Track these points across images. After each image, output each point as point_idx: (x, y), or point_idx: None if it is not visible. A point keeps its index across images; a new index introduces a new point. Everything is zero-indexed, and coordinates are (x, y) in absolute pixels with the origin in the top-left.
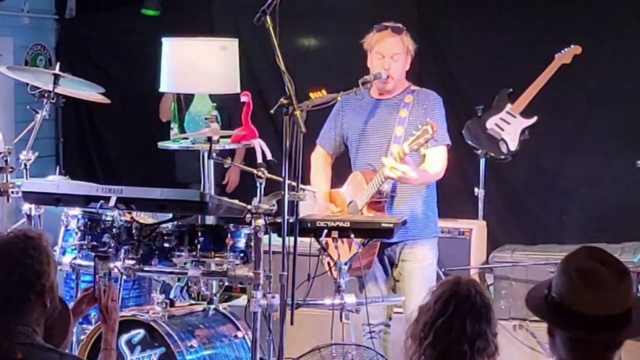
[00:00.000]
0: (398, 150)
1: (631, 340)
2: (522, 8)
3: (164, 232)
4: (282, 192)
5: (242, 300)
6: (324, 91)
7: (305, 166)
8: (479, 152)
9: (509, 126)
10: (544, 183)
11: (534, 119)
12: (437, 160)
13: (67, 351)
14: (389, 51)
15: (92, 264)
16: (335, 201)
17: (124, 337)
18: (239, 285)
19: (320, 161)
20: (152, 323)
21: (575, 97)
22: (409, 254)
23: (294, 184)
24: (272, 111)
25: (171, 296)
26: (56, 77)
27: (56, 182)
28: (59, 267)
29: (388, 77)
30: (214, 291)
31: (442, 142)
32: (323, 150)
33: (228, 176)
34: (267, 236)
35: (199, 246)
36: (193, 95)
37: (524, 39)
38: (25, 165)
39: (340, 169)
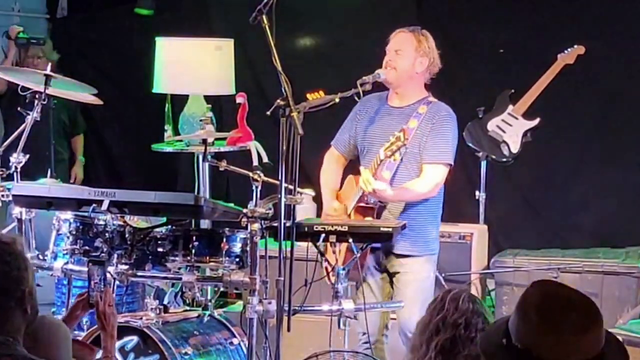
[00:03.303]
0: (375, 157)
1: (632, 346)
2: (524, 7)
3: (158, 236)
4: (279, 196)
5: (238, 306)
6: (321, 92)
7: (307, 168)
8: (480, 154)
9: (510, 128)
10: (547, 186)
11: (536, 120)
12: (428, 178)
13: None
14: (394, 45)
15: (84, 268)
16: (340, 200)
17: (117, 343)
18: (235, 291)
19: (331, 162)
20: (145, 329)
21: (578, 98)
22: (404, 265)
23: (291, 187)
24: (268, 113)
25: (165, 302)
26: (48, 78)
27: (47, 185)
28: (50, 273)
29: (387, 68)
30: (209, 297)
31: (441, 160)
32: (336, 152)
33: (74, 173)
34: (263, 240)
35: (193, 251)
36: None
37: (525, 39)
38: (16, 168)
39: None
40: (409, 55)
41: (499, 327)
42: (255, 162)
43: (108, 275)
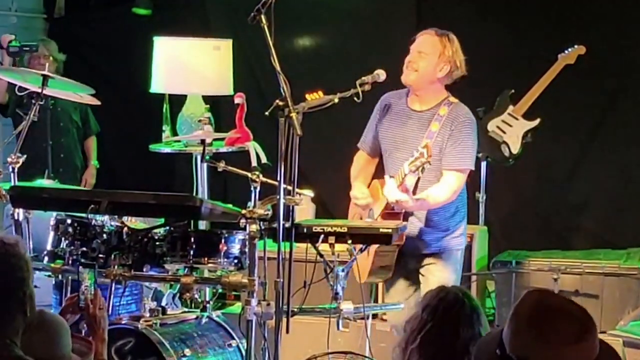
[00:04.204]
0: (400, 170)
1: (633, 348)
2: (524, 7)
3: (156, 237)
4: (278, 197)
5: (237, 307)
6: (320, 92)
7: (306, 169)
8: (480, 155)
9: (510, 129)
10: (547, 187)
11: (537, 121)
12: (447, 186)
13: None
14: (418, 46)
15: (81, 270)
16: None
17: (115, 346)
18: (233, 293)
19: (360, 162)
20: (143, 331)
21: (579, 98)
22: (432, 258)
23: (290, 188)
24: (267, 113)
25: (163, 303)
26: (45, 78)
27: (45, 186)
28: (47, 274)
29: (409, 68)
30: (208, 298)
31: (459, 167)
32: (364, 153)
33: (84, 179)
34: (261, 242)
35: (191, 252)
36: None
37: (526, 38)
38: (13, 168)
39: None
40: (432, 59)
41: (493, 337)
42: (254, 163)
43: (105, 276)
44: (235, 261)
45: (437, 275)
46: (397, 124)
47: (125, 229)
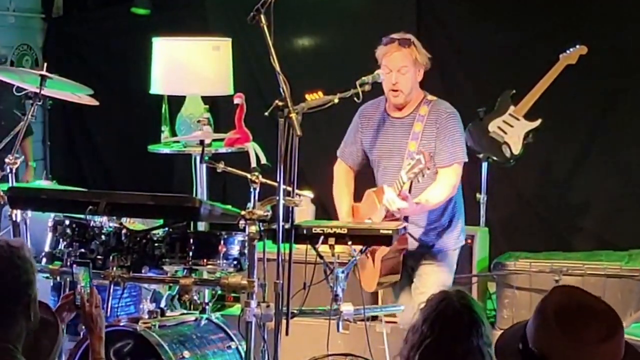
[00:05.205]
0: (398, 178)
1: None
2: (525, 7)
3: (155, 238)
4: (277, 198)
5: (236, 309)
6: (320, 93)
7: (305, 170)
8: (481, 156)
9: (512, 129)
10: (549, 188)
11: (538, 122)
12: (444, 183)
13: None
14: (395, 65)
15: (77, 268)
16: (356, 215)
17: (113, 348)
18: (232, 294)
19: (342, 175)
20: (142, 333)
21: (580, 99)
22: (427, 256)
23: (290, 188)
24: (266, 114)
25: (162, 305)
26: (43, 78)
27: (43, 187)
28: (46, 275)
29: (397, 90)
30: (207, 300)
31: (453, 161)
32: (345, 164)
33: (25, 181)
34: (261, 243)
35: (190, 253)
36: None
37: (527, 38)
38: (11, 169)
39: (362, 185)
40: (411, 70)
41: (516, 331)
42: (253, 164)
43: (103, 277)
44: (235, 262)
45: (433, 276)
46: (381, 134)
47: (124, 230)
